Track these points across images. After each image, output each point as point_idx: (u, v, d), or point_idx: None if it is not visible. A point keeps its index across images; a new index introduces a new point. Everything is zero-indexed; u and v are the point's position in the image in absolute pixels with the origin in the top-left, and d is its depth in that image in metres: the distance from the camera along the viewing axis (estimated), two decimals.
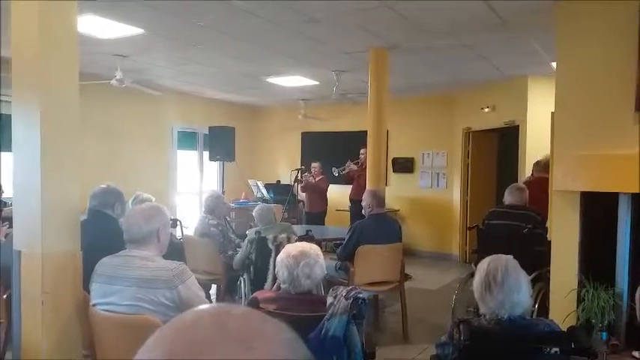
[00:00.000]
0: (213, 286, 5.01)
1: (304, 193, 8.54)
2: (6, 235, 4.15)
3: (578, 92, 3.67)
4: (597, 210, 3.55)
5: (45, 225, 2.51)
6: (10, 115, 6.03)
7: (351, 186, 8.22)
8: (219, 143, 8.05)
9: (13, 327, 2.69)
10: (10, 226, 4.26)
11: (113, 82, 5.99)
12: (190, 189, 9.32)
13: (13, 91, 2.62)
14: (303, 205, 8.75)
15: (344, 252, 4.59)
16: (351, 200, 8.18)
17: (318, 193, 8.32)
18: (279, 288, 2.35)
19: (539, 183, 4.99)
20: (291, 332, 0.53)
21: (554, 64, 4.61)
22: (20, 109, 2.60)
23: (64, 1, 2.59)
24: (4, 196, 5.33)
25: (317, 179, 8.35)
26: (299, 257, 2.18)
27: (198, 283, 2.45)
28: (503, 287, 1.85)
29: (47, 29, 2.51)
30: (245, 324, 0.51)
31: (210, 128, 8.35)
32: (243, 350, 0.48)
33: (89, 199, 3.43)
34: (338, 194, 8.73)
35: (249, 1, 4.00)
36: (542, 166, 5.43)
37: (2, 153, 6.38)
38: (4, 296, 3.17)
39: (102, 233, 3.14)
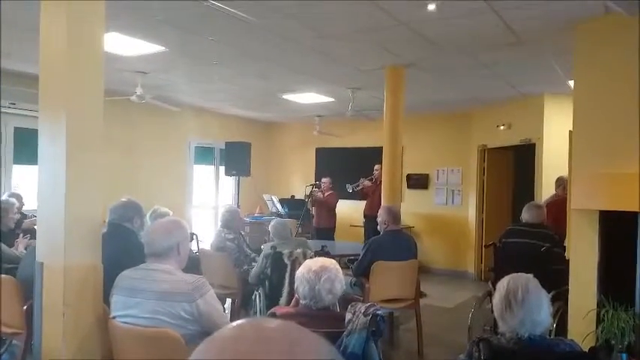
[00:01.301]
0: (228, 300, 5.02)
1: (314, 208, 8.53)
2: (26, 247, 4.23)
3: (597, 111, 3.67)
4: (616, 229, 3.52)
5: (68, 238, 2.55)
6: (27, 129, 6.17)
7: (365, 202, 8.21)
8: (235, 158, 8.13)
9: (34, 338, 2.72)
10: (31, 238, 4.35)
11: (133, 97, 6.10)
12: (206, 203, 9.40)
13: (40, 107, 2.69)
14: None
15: (359, 268, 4.59)
16: (365, 216, 8.16)
17: (326, 209, 8.29)
18: (296, 303, 2.35)
19: (564, 202, 4.92)
20: (330, 345, 0.55)
21: (571, 83, 4.62)
22: (47, 124, 2.66)
23: (92, 20, 2.67)
24: (24, 208, 5.43)
25: (326, 194, 8.33)
26: (320, 272, 2.18)
27: None
28: (524, 306, 1.84)
29: (75, 48, 2.59)
30: (286, 336, 0.53)
31: (226, 143, 8.44)
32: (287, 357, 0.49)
33: (109, 213, 3.48)
34: (352, 210, 8.73)
35: (263, 14, 4.06)
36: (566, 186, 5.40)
37: (19, 166, 6.53)
38: (25, 307, 3.21)
39: (121, 246, 3.17)
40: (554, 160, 6.41)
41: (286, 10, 3.89)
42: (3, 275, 3.39)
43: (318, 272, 2.18)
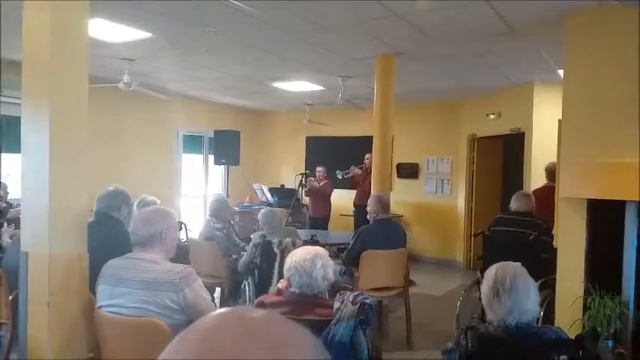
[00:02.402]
0: (217, 289, 5.01)
1: (308, 198, 8.54)
2: (11, 237, 4.18)
3: (586, 101, 3.68)
4: (604, 218, 3.55)
5: (52, 227, 2.52)
6: (14, 117, 6.07)
7: (356, 191, 8.22)
8: (225, 147, 8.07)
9: (19, 328, 2.69)
10: (16, 228, 4.30)
11: (120, 85, 6.02)
12: (195, 192, 9.34)
13: (22, 95, 2.63)
14: (307, 209, 8.76)
15: (349, 257, 4.59)
16: (355, 205, 8.17)
17: (322, 198, 8.31)
18: (278, 292, 2.35)
19: (549, 191, 4.98)
20: (315, 338, 0.53)
21: (560, 72, 4.63)
22: (30, 112, 2.61)
23: (76, 8, 2.61)
24: (9, 197, 5.36)
25: (321, 184, 8.34)
26: (314, 259, 2.21)
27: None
28: (512, 294, 1.85)
29: (59, 35, 2.53)
30: (270, 328, 0.51)
31: (215, 132, 8.37)
32: (271, 356, 0.47)
33: (96, 202, 3.43)
34: (342, 199, 8.73)
35: (255, 2, 4.01)
36: (551, 174, 5.44)
37: (7, 154, 6.44)
38: (10, 297, 3.17)
39: (108, 236, 3.14)
40: (543, 149, 6.43)
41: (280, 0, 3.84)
42: None
43: (313, 260, 2.21)
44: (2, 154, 6.43)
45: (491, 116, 7.65)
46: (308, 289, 2.20)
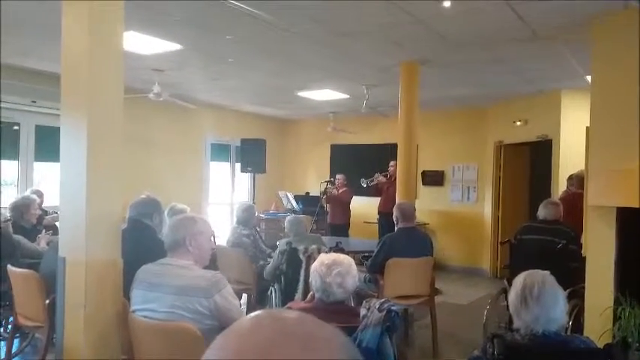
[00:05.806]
0: (244, 296, 5.07)
1: (328, 205, 8.56)
2: (48, 243, 4.32)
3: (614, 107, 3.64)
4: (634, 226, 3.49)
5: (89, 233, 2.62)
6: (49, 127, 6.27)
7: (380, 198, 8.22)
8: (251, 155, 8.19)
9: (56, 331, 2.80)
10: (53, 234, 4.45)
11: (151, 95, 6.18)
12: (222, 200, 9.48)
13: (62, 106, 2.75)
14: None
15: (373, 264, 4.60)
16: (379, 212, 8.16)
17: (340, 205, 8.33)
18: (312, 298, 2.38)
19: (575, 198, 4.93)
20: (345, 336, 0.57)
21: (588, 78, 4.57)
22: (69, 123, 2.72)
23: (112, 22, 2.72)
24: (43, 205, 5.53)
25: (340, 191, 8.36)
26: (332, 266, 2.21)
27: None
28: (540, 302, 1.85)
29: (96, 47, 2.64)
30: (303, 327, 0.55)
31: (242, 140, 8.50)
32: (304, 351, 0.51)
33: (128, 209, 3.54)
34: (365, 207, 8.73)
35: (279, 12, 4.09)
36: (577, 182, 5.38)
37: (41, 163, 6.65)
38: (47, 301, 3.28)
39: (141, 242, 3.24)
40: (571, 157, 6.35)
41: (304, 9, 3.92)
42: (26, 270, 3.49)
43: (330, 266, 2.21)
44: (37, 163, 6.64)
45: (518, 123, 7.58)
46: (324, 295, 2.21)
